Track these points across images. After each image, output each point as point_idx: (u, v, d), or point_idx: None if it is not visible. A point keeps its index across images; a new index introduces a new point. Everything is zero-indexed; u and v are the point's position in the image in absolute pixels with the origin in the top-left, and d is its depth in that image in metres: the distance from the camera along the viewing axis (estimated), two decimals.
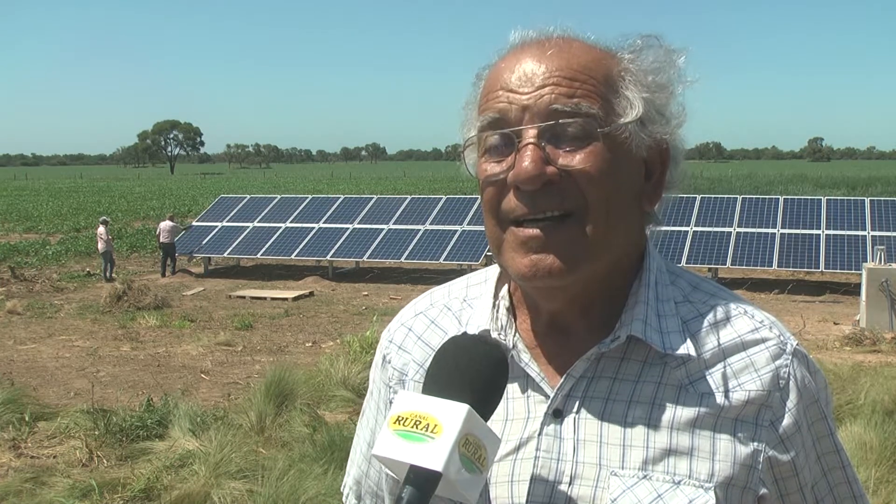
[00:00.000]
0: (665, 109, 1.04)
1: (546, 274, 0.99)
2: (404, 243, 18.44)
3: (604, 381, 1.04)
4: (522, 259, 1.00)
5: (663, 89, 1.04)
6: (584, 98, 0.98)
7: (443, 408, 0.90)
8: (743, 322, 1.07)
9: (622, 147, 1.00)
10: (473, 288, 1.20)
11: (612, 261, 1.03)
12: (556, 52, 1.01)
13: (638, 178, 1.04)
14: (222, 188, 57.80)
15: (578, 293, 1.04)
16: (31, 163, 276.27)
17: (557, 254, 0.98)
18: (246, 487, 5.47)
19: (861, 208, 17.66)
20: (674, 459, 1.00)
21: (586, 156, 0.98)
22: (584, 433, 1.03)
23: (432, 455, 0.87)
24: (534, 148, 0.97)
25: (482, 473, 0.90)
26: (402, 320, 1.22)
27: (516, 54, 1.03)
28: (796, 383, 1.05)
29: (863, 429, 6.05)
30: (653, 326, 1.04)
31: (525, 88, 1.00)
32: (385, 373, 1.20)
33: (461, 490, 0.88)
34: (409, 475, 0.88)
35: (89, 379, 9.21)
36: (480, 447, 0.90)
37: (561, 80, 0.99)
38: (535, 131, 0.98)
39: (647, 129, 1.02)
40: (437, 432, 0.88)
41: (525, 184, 0.97)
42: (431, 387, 0.95)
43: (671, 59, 1.05)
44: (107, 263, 18.28)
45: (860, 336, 11.24)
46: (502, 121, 1.00)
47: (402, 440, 0.89)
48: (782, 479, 1.04)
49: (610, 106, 1.00)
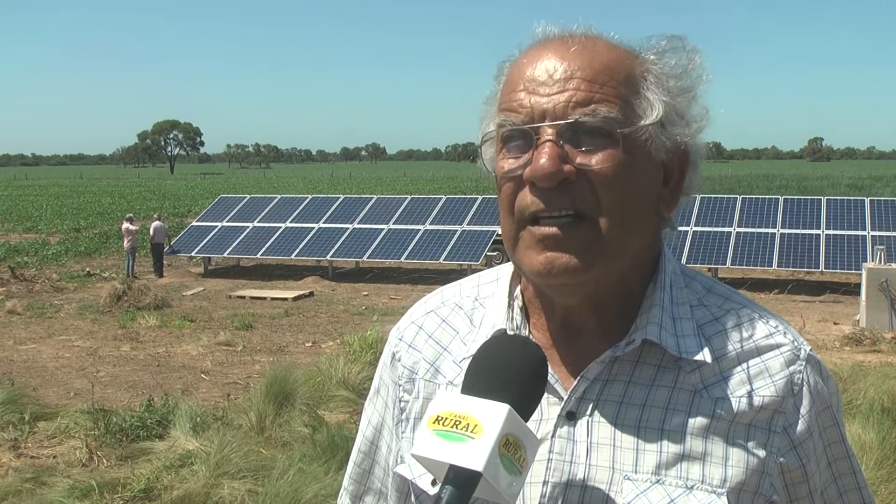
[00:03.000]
0: (686, 113, 1.03)
1: (561, 272, 0.98)
2: (404, 243, 18.44)
3: (618, 385, 1.04)
4: (538, 256, 0.99)
5: (685, 92, 1.03)
6: (603, 101, 0.98)
7: (483, 408, 0.90)
8: (757, 327, 1.07)
9: (641, 149, 1.00)
10: (485, 287, 1.19)
11: (626, 262, 1.03)
12: (579, 49, 1.00)
13: (656, 182, 1.04)
14: (222, 188, 57.82)
15: (591, 292, 1.03)
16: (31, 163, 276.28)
17: (573, 252, 0.98)
18: (246, 487, 5.47)
19: (861, 208, 17.66)
20: (687, 464, 1.00)
21: (604, 157, 0.97)
22: (597, 436, 1.02)
23: (473, 455, 0.86)
24: (552, 145, 0.97)
25: (522, 474, 0.90)
26: (413, 318, 1.21)
27: (539, 50, 1.02)
28: (810, 389, 1.05)
29: (862, 429, 6.05)
30: (668, 330, 1.04)
31: (545, 89, 0.99)
32: (394, 371, 1.19)
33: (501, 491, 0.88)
34: (449, 475, 0.88)
35: (89, 379, 9.21)
36: (520, 448, 0.89)
37: (581, 83, 0.98)
38: (553, 129, 0.97)
39: (667, 132, 1.01)
40: (478, 432, 0.87)
41: (541, 180, 0.97)
42: (472, 386, 0.94)
43: (694, 62, 1.05)
44: (133, 261, 18.46)
45: (860, 336, 11.25)
46: (522, 118, 1.00)
47: (441, 440, 0.89)
48: (793, 484, 1.04)
49: (630, 107, 0.99)
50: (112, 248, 23.86)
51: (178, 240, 19.98)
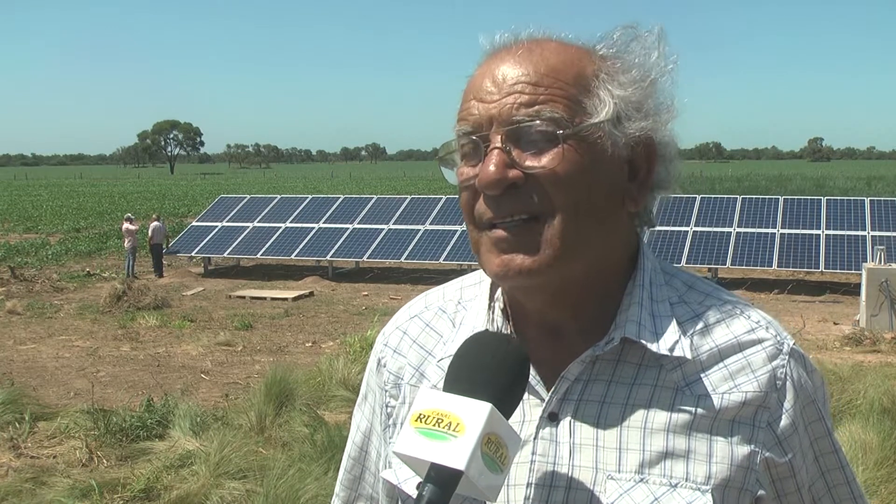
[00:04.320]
0: (644, 104, 1.02)
1: (516, 273, 0.99)
2: (404, 243, 18.44)
3: (599, 385, 1.04)
4: (495, 259, 1.01)
5: (639, 83, 1.02)
6: (547, 103, 0.98)
7: (465, 406, 0.90)
8: (739, 322, 1.06)
9: (594, 147, 0.99)
10: (468, 290, 1.19)
11: (591, 262, 1.02)
12: (524, 54, 1.01)
13: (618, 178, 1.03)
14: (222, 188, 57.81)
15: (559, 293, 1.03)
16: (31, 163, 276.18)
17: (526, 254, 0.99)
18: (246, 487, 5.47)
19: (861, 208, 17.66)
20: (670, 462, 1.00)
21: (551, 158, 0.98)
22: (579, 437, 1.02)
23: (454, 453, 0.86)
24: (498, 152, 0.98)
25: (503, 472, 0.90)
26: (397, 324, 1.22)
27: (488, 61, 1.04)
28: (793, 384, 1.04)
29: (862, 429, 6.05)
30: (647, 328, 1.03)
31: (492, 97, 1.00)
32: (380, 377, 1.19)
33: (482, 489, 0.88)
34: (431, 473, 0.88)
35: (89, 379, 9.21)
36: (502, 446, 0.90)
37: (526, 86, 0.99)
38: (500, 136, 0.98)
39: (622, 127, 1.01)
40: (460, 431, 0.88)
41: (487, 188, 0.98)
42: (453, 385, 0.94)
43: (651, 51, 1.04)
44: (133, 261, 18.56)
45: (860, 336, 11.25)
46: (473, 128, 1.01)
47: (423, 438, 0.89)
48: (780, 479, 1.04)
49: (579, 106, 0.99)
50: (112, 248, 23.86)
51: (177, 240, 19.98)
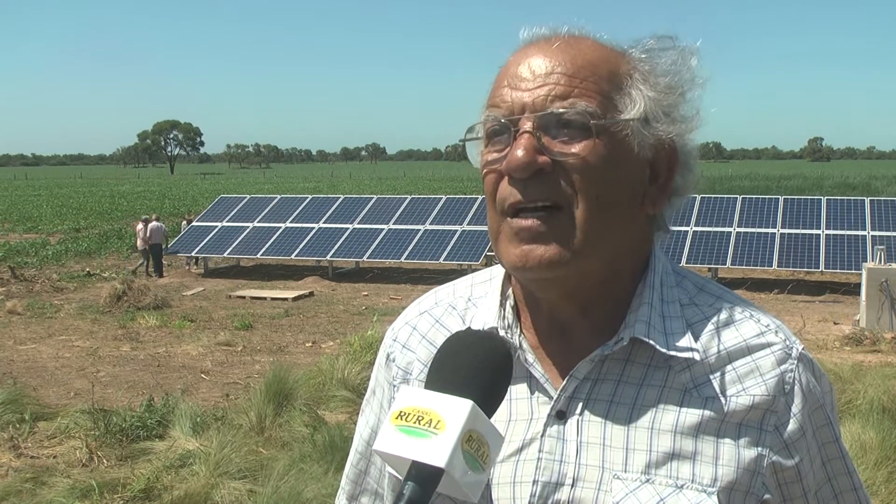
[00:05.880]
0: (672, 111, 1.03)
1: (536, 265, 0.99)
2: (404, 243, 18.44)
3: (608, 384, 1.04)
4: (515, 249, 1.00)
5: (672, 91, 1.04)
6: (581, 96, 0.99)
7: (446, 403, 0.89)
8: (748, 326, 1.06)
9: (621, 144, 1.00)
10: (478, 286, 1.19)
11: (608, 259, 1.02)
12: (562, 46, 1.02)
13: (640, 178, 1.04)
14: (222, 188, 57.78)
15: (574, 289, 1.03)
16: (31, 163, 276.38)
17: (548, 245, 0.99)
18: (246, 487, 5.47)
19: (861, 208, 17.66)
20: (677, 463, 1.00)
21: (580, 147, 0.98)
22: (587, 435, 1.02)
23: (435, 451, 0.85)
24: (528, 137, 0.98)
25: (485, 471, 0.89)
26: (407, 319, 1.22)
27: (525, 50, 1.04)
28: (801, 388, 1.04)
29: (862, 429, 6.05)
30: (657, 328, 1.03)
31: (526, 84, 1.01)
32: (389, 372, 1.19)
33: (463, 487, 0.87)
34: (411, 471, 0.87)
35: (89, 379, 9.21)
36: (483, 444, 0.89)
37: (561, 77, 0.99)
38: (531, 122, 0.99)
39: (650, 128, 1.02)
40: (440, 428, 0.87)
41: (516, 171, 0.98)
42: (434, 382, 0.94)
43: (684, 62, 1.05)
44: (147, 261, 18.64)
45: (860, 336, 11.24)
46: (503, 112, 1.02)
47: (403, 436, 0.88)
48: (786, 484, 1.04)
49: (611, 103, 1.00)
50: (112, 247, 23.87)
51: (177, 240, 19.98)
